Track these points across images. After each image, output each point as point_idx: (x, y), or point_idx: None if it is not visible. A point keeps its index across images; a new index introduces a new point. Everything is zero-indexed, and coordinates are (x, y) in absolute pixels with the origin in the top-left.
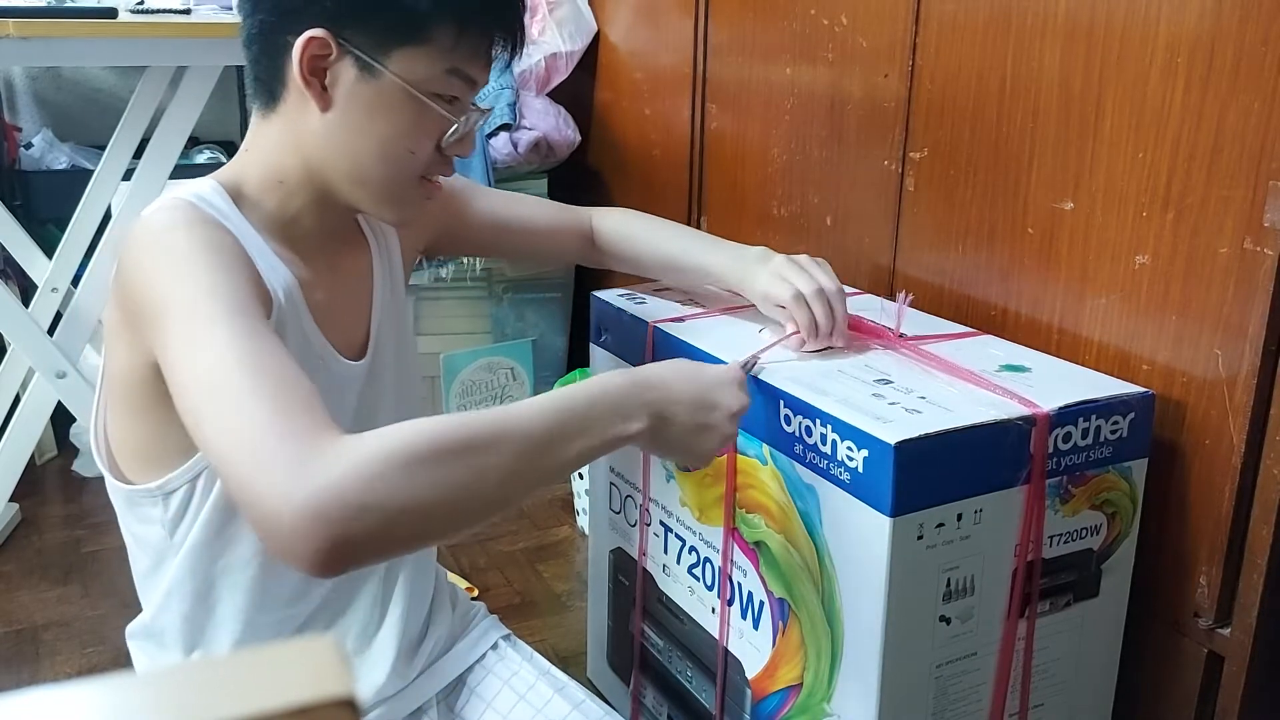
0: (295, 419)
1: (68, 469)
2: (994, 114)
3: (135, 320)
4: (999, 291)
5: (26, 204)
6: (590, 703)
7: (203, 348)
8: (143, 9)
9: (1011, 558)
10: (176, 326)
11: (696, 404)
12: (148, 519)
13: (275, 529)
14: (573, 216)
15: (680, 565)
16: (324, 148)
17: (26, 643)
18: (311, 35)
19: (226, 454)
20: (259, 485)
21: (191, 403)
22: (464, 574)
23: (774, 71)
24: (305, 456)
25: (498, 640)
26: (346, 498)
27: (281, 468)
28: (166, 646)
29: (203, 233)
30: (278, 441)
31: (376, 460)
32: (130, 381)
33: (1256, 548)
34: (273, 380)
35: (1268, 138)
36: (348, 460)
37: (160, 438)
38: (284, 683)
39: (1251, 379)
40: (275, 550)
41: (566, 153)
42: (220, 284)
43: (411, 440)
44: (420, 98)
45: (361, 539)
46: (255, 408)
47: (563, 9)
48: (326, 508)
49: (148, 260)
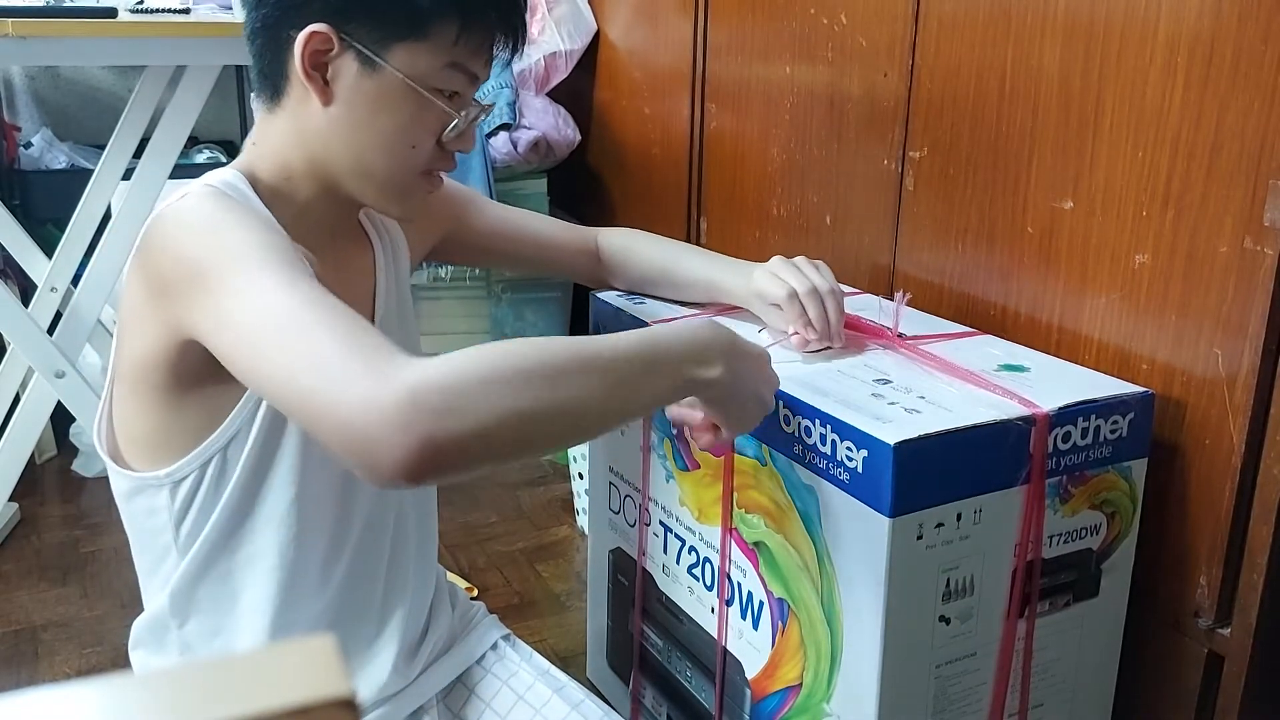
0: (368, 338)
1: (67, 469)
2: (993, 113)
3: (164, 295)
4: (999, 291)
5: (25, 204)
6: (589, 703)
7: (257, 294)
8: (142, 8)
9: (1011, 558)
10: (223, 282)
11: (758, 370)
12: (153, 509)
13: (364, 437)
14: (579, 234)
15: (680, 565)
16: (327, 141)
17: (25, 643)
18: (313, 30)
19: (301, 383)
20: (343, 401)
21: (251, 348)
22: (464, 574)
23: (773, 71)
24: (387, 367)
25: (497, 640)
26: (434, 399)
27: (365, 378)
28: (167, 649)
29: (239, 208)
30: (356, 357)
31: (460, 370)
32: (146, 365)
33: (1256, 548)
34: (336, 313)
35: (1267, 136)
36: (431, 368)
37: (171, 423)
38: (283, 683)
39: (1251, 378)
40: (366, 460)
41: (566, 152)
42: (263, 240)
43: (495, 357)
44: (421, 93)
45: (448, 442)
46: (326, 335)
47: (562, 8)
48: (416, 407)
49: (181, 233)
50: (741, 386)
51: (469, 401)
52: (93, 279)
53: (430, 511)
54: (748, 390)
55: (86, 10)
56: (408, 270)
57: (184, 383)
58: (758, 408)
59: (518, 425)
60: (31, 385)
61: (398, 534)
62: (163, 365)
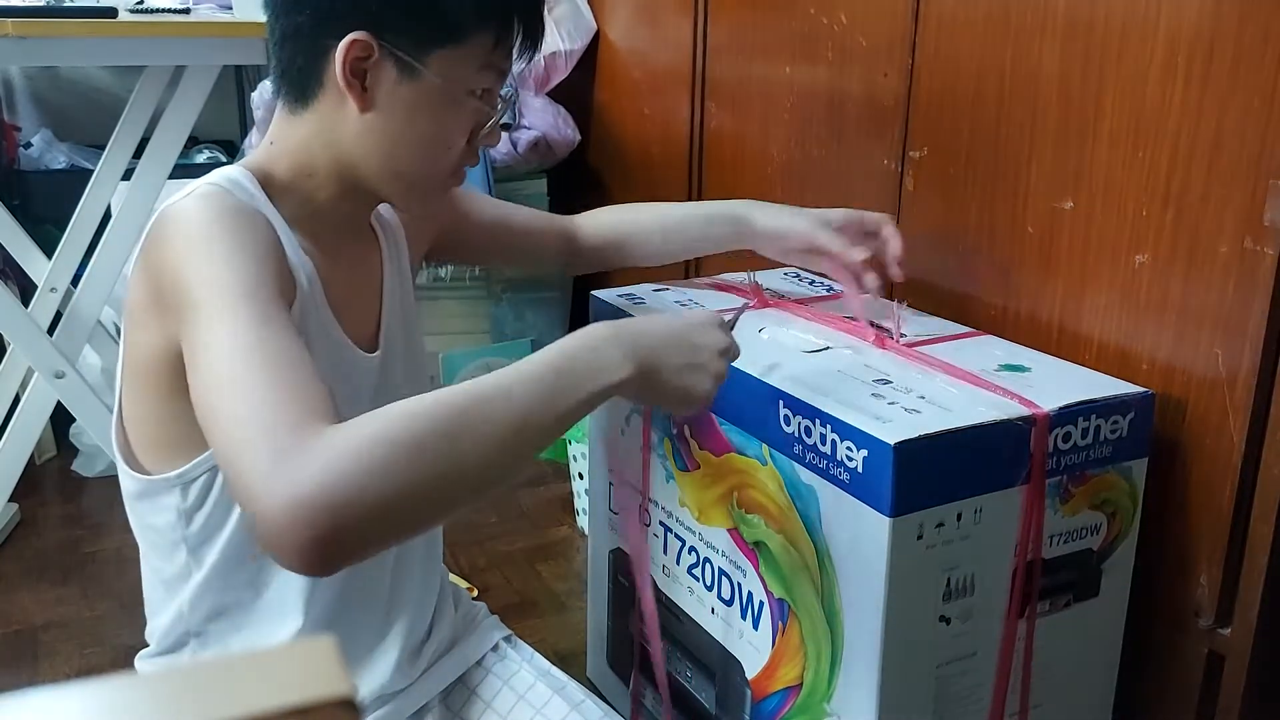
0: (285, 410)
1: (67, 469)
2: (993, 113)
3: (162, 305)
4: (999, 291)
5: (25, 204)
6: (590, 703)
7: (215, 341)
8: (142, 8)
9: (1011, 557)
10: (198, 318)
11: (680, 344)
12: (163, 508)
13: (261, 526)
14: (559, 220)
15: (680, 566)
16: (362, 146)
17: (25, 643)
18: (355, 38)
19: (222, 449)
20: (245, 480)
21: (200, 397)
22: (464, 574)
23: (773, 70)
24: (287, 451)
25: (498, 641)
26: (324, 495)
27: (265, 462)
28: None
29: (233, 221)
30: (265, 435)
31: (353, 452)
32: (152, 367)
33: (1256, 547)
34: (271, 369)
35: (1267, 136)
36: (326, 455)
37: (180, 424)
38: (284, 683)
39: (1251, 378)
40: (266, 547)
41: (566, 152)
42: (242, 272)
43: (388, 427)
44: (459, 96)
45: (345, 535)
46: (251, 401)
47: (562, 8)
48: (305, 505)
49: (180, 246)
50: (665, 374)
51: (361, 490)
52: (93, 279)
53: None
54: (675, 372)
55: (86, 10)
56: (409, 269)
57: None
58: (700, 380)
59: (421, 497)
60: (31, 385)
61: None
62: (168, 366)
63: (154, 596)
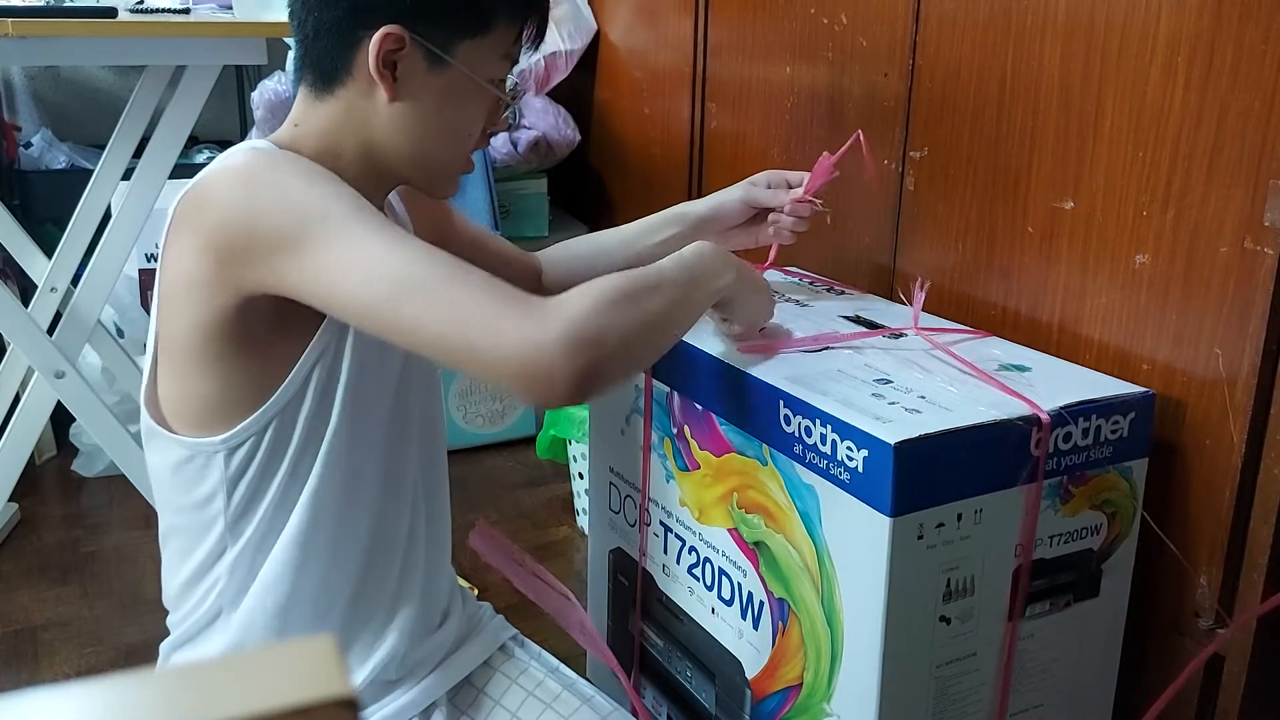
0: (499, 288)
1: (67, 469)
2: (994, 113)
3: (233, 260)
4: (999, 291)
5: (25, 204)
6: (599, 698)
7: (356, 258)
8: (142, 8)
9: (1012, 558)
10: (312, 247)
11: (751, 270)
12: (206, 478)
13: (536, 372)
14: (526, 255)
15: (680, 565)
16: (389, 132)
17: (25, 643)
18: (389, 31)
19: (458, 331)
20: (508, 343)
21: (386, 303)
22: (464, 574)
23: (774, 71)
24: (538, 310)
25: (506, 642)
26: (588, 331)
27: (525, 322)
28: (213, 638)
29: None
30: (507, 305)
31: (592, 300)
32: (206, 334)
33: (1256, 548)
34: (450, 263)
35: (1268, 136)
36: (573, 306)
37: (230, 388)
38: (284, 683)
39: (1252, 378)
40: (539, 391)
41: (566, 152)
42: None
43: (607, 288)
44: (483, 85)
45: (603, 365)
46: (470, 287)
47: (562, 8)
48: (576, 340)
49: (248, 194)
50: (748, 285)
51: (608, 327)
52: (93, 279)
53: (442, 502)
54: (753, 287)
55: (86, 10)
56: None
57: (242, 349)
58: (768, 301)
59: (642, 336)
60: (31, 385)
61: (414, 511)
62: (220, 332)
63: (179, 580)
